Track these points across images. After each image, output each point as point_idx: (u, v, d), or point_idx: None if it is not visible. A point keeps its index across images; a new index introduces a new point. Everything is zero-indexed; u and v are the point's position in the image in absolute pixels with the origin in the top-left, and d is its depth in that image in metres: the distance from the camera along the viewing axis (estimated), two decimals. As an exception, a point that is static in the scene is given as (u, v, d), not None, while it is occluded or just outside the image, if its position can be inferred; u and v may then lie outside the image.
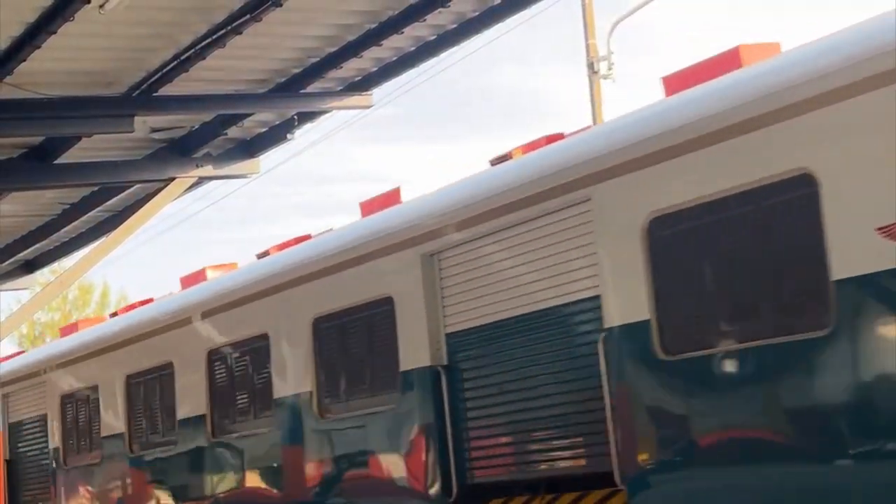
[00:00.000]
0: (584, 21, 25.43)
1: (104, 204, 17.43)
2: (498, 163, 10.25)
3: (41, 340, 41.40)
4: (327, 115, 15.25)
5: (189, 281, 14.58)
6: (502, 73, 64.97)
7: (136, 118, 13.75)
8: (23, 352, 18.93)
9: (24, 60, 12.14)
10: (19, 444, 17.62)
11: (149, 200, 15.80)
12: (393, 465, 10.67)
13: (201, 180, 16.05)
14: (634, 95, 48.79)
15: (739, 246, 7.73)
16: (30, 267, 21.13)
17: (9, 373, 17.63)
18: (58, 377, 16.52)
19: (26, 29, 11.66)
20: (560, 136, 9.76)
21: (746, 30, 58.08)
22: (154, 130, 15.01)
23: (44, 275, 25.59)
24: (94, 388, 15.70)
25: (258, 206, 65.96)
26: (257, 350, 12.51)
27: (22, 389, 17.35)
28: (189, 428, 13.62)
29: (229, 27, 11.97)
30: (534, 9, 13.02)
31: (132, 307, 16.19)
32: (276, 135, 15.52)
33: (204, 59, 12.65)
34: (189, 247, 62.45)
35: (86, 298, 43.63)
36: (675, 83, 8.65)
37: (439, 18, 12.62)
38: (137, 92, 13.52)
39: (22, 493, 17.58)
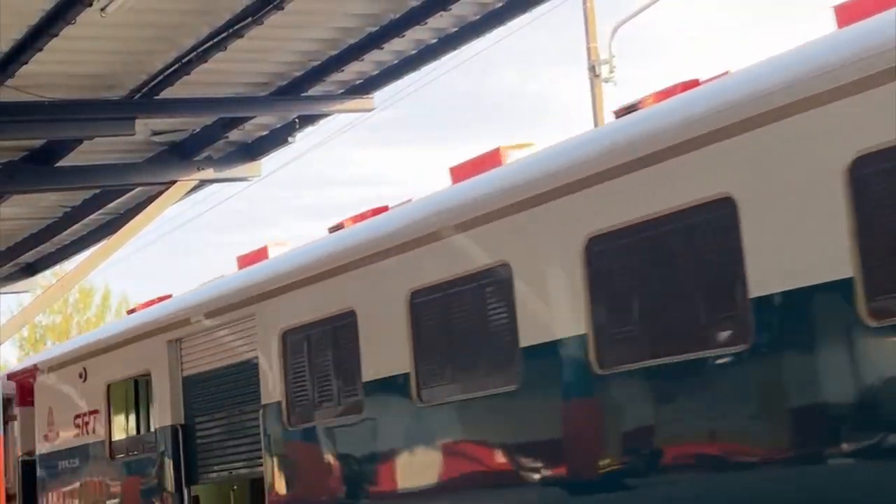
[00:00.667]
0: (586, 24, 25.43)
1: (105, 207, 17.46)
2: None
3: (42, 343, 41.41)
4: (328, 118, 15.28)
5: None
6: (503, 76, 65.03)
7: (138, 121, 13.78)
8: (169, 296, 14.55)
9: (26, 63, 12.17)
10: (200, 404, 13.16)
11: (150, 203, 15.82)
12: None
13: (202, 183, 16.08)
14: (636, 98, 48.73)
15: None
16: (31, 270, 21.16)
17: (185, 310, 13.26)
18: (282, 306, 11.59)
19: (28, 32, 11.68)
20: None
21: (747, 31, 58.14)
22: (155, 133, 15.03)
23: (45, 277, 25.61)
24: (347, 317, 10.79)
25: (259, 210, 66.02)
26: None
27: (206, 331, 12.88)
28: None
29: (230, 30, 11.99)
30: (534, 12, 13.05)
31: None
32: (277, 138, 15.55)
33: (205, 62, 12.67)
34: (190, 250, 62.53)
35: (87, 301, 43.64)
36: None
37: (440, 22, 12.64)
38: (139, 95, 13.54)
39: (206, 468, 13.13)
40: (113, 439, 14.76)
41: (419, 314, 10.00)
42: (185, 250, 61.59)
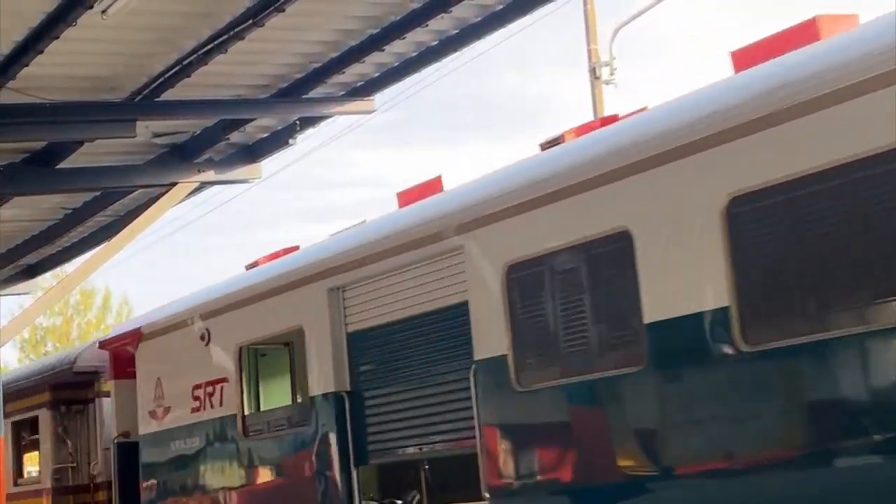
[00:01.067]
0: (587, 26, 25.45)
1: (106, 209, 17.47)
2: None
3: (42, 345, 41.43)
4: (329, 119, 15.29)
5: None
6: (504, 77, 65.05)
7: (139, 123, 13.78)
8: (293, 247, 12.62)
9: (27, 65, 12.17)
10: (373, 365, 10.94)
11: (151, 205, 15.81)
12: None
13: (203, 185, 16.07)
14: (636, 100, 48.82)
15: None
16: (32, 271, 21.16)
17: (354, 250, 11.05)
18: (506, 234, 9.34)
19: (29, 34, 11.68)
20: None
21: (748, 32, 58.12)
22: (156, 135, 15.03)
23: (46, 279, 25.61)
24: (615, 240, 8.44)
25: (260, 212, 66.06)
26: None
27: (383, 275, 10.67)
28: None
29: (232, 32, 11.99)
30: (535, 14, 13.05)
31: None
32: (278, 140, 15.54)
33: (206, 64, 12.68)
34: (191, 252, 62.52)
35: (88, 303, 43.67)
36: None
37: (441, 24, 12.64)
38: (140, 97, 13.55)
39: (381, 443, 10.81)
40: (247, 413, 12.46)
41: (741, 229, 7.65)
42: (186, 252, 61.63)
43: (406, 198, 11.03)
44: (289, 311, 11.78)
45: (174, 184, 15.43)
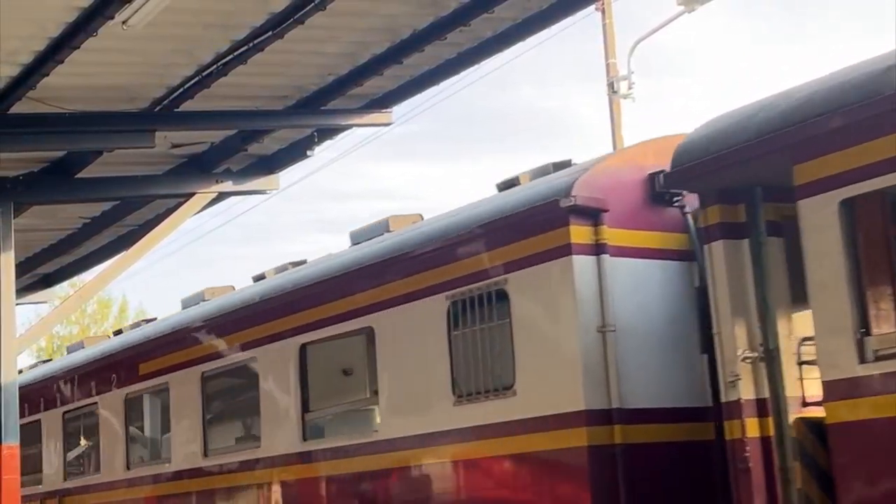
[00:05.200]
0: (605, 40, 25.45)
1: (124, 218, 17.50)
2: None
3: (59, 354, 41.51)
4: (346, 131, 15.31)
5: None
6: (521, 91, 65.06)
7: (157, 133, 13.82)
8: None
9: (47, 75, 12.22)
10: None
11: (169, 215, 15.85)
12: None
13: (221, 196, 16.10)
14: (655, 115, 48.78)
15: None
16: (49, 280, 21.20)
17: None
18: None
19: (49, 44, 11.73)
20: None
21: (767, 48, 58.08)
22: (175, 146, 15.07)
23: (63, 288, 25.67)
24: None
25: (277, 223, 66.12)
26: None
27: None
28: None
29: (251, 44, 12.03)
30: (553, 28, 13.07)
31: None
32: (295, 151, 15.57)
33: (225, 75, 12.71)
34: (207, 262, 62.60)
35: (104, 312, 43.75)
36: None
37: (459, 37, 12.67)
38: (159, 107, 13.58)
39: None
40: None
41: None
42: (202, 262, 61.70)
43: None
44: None
45: (192, 194, 15.47)
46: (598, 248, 10.56)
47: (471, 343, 11.33)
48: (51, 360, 23.59)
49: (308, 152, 15.36)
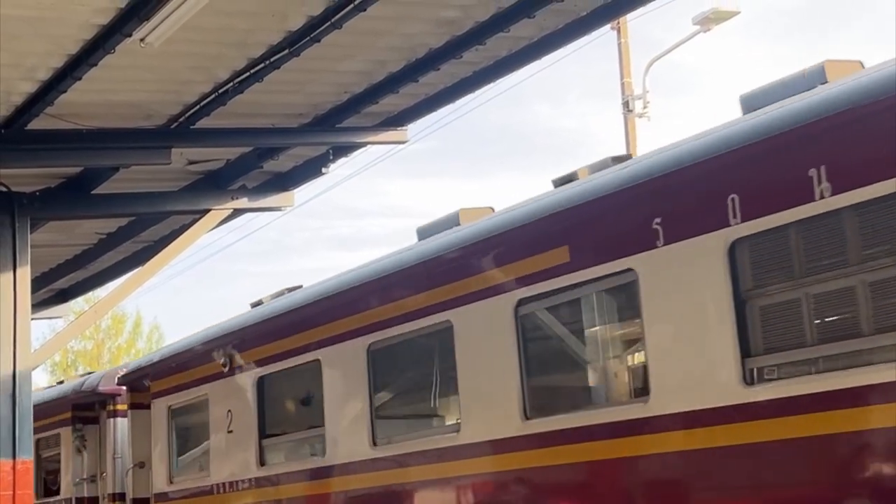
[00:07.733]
0: (620, 59, 25.48)
1: (140, 234, 17.57)
2: None
3: (73, 369, 41.59)
4: (362, 149, 15.35)
5: None
6: (536, 109, 65.14)
7: (174, 150, 13.87)
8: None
9: (65, 92, 12.29)
10: None
11: (184, 231, 15.90)
12: None
13: (236, 212, 16.15)
14: (670, 134, 48.77)
15: None
16: (64, 296, 21.29)
17: None
18: None
19: (67, 61, 11.80)
20: None
21: (782, 68, 57.99)
22: (191, 163, 15.13)
23: (78, 303, 25.79)
24: None
25: (291, 239, 66.23)
26: None
27: None
28: None
29: (267, 62, 12.08)
30: (569, 47, 13.09)
31: None
32: (311, 168, 15.61)
33: (241, 92, 12.77)
34: (222, 278, 62.71)
35: (119, 327, 43.85)
36: None
37: (475, 56, 12.70)
38: (175, 124, 13.64)
39: None
40: None
41: None
42: (216, 279, 61.79)
43: None
44: None
45: (207, 210, 15.52)
46: None
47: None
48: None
49: (323, 169, 15.40)
